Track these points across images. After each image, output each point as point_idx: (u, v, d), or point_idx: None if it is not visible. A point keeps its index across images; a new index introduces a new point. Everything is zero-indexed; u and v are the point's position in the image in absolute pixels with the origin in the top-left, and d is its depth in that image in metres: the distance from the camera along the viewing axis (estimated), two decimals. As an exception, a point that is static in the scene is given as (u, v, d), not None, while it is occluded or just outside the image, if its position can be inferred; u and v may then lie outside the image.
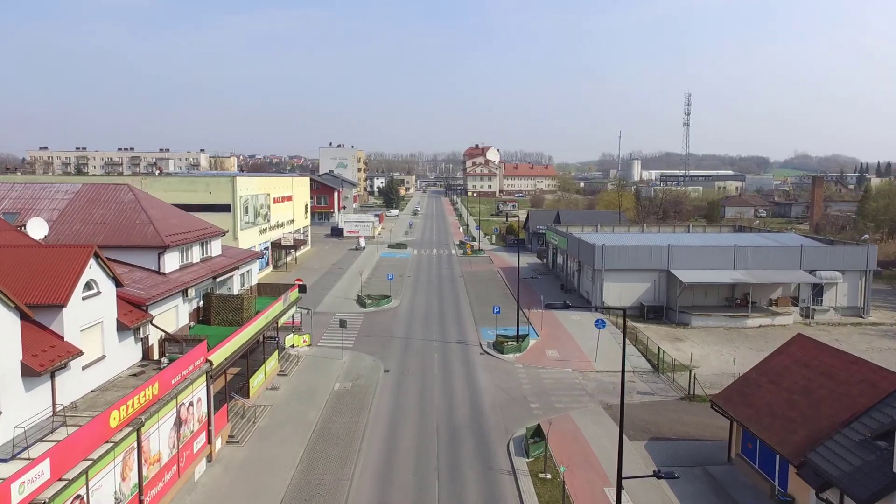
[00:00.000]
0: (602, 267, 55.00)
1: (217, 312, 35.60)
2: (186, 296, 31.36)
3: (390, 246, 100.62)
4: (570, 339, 47.52)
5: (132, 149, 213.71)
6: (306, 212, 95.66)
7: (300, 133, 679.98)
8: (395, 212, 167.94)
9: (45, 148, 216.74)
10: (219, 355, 27.78)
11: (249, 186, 66.44)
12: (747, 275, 53.41)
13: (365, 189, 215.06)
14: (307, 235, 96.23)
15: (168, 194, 61.66)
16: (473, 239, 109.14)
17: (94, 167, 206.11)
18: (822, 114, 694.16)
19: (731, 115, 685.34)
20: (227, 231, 40.50)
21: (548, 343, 46.61)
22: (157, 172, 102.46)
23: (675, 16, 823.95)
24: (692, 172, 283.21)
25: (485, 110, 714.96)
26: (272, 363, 38.03)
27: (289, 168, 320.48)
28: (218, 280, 36.27)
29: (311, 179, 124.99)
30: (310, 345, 45.03)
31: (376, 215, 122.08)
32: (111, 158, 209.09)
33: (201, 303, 35.87)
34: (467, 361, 42.68)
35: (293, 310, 43.85)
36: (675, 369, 39.45)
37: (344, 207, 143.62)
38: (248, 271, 42.65)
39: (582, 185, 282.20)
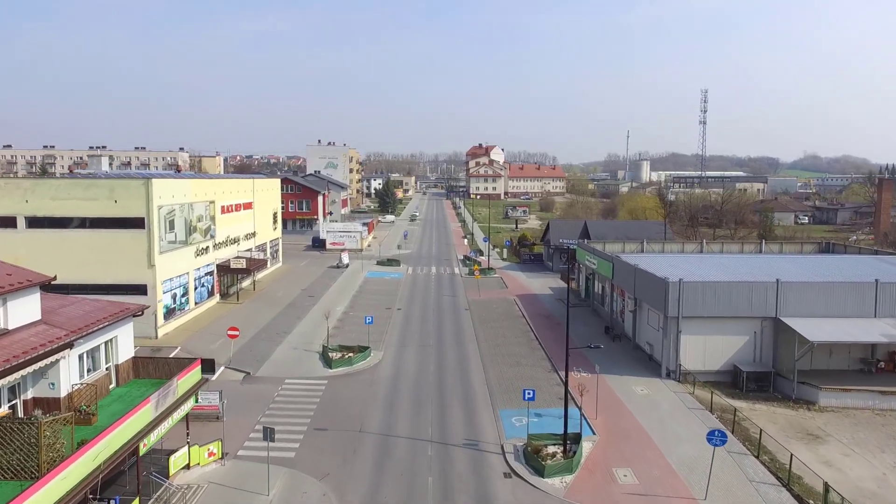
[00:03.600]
0: (679, 313, 37.07)
1: (-9, 452, 17.96)
2: None
3: (379, 262, 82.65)
4: (645, 440, 29.71)
5: (104, 147, 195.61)
6: (275, 222, 77.75)
7: (300, 133, 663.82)
8: (390, 217, 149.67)
9: (10, 146, 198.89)
10: None
11: (177, 192, 48.58)
12: (903, 328, 35.55)
13: (359, 192, 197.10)
14: (276, 252, 78.36)
15: (56, 204, 44.24)
16: (481, 253, 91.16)
17: (63, 166, 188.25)
18: (830, 114, 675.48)
19: (736, 115, 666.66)
20: (53, 277, 22.69)
21: (613, 449, 28.73)
22: (69, 173, 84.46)
23: (677, 16, 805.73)
24: (706, 173, 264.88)
25: (486, 111, 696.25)
26: (121, 530, 20.22)
27: (285, 168, 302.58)
28: (10, 378, 18.51)
29: (287, 181, 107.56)
30: (221, 458, 27.13)
31: (364, 224, 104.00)
32: (80, 157, 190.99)
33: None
34: (484, 500, 24.83)
35: (189, 405, 26.02)
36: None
37: (331, 213, 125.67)
38: (109, 341, 24.89)
39: (591, 186, 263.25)
